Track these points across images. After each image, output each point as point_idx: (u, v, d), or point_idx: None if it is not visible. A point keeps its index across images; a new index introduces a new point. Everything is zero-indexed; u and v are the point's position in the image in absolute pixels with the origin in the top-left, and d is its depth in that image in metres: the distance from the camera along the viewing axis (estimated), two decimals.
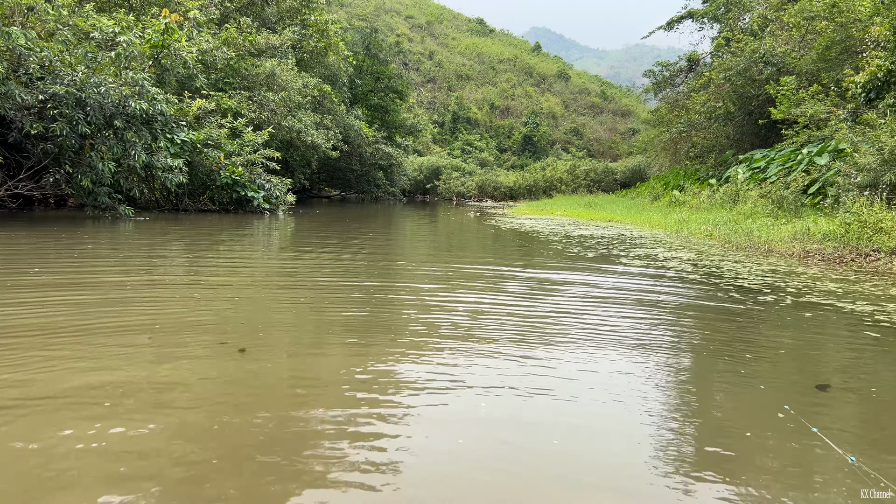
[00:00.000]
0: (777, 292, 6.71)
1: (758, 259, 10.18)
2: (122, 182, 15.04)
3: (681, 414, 3.23)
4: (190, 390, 3.34)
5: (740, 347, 4.50)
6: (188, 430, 2.80)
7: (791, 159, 22.30)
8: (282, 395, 3.39)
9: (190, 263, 8.27)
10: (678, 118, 36.80)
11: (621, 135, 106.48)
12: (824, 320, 5.48)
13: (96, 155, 14.03)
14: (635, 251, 11.14)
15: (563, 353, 4.20)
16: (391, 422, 2.96)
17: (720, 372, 3.93)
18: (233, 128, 20.93)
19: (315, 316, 5.29)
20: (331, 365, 3.91)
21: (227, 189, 19.07)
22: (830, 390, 3.61)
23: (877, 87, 19.50)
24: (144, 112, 14.68)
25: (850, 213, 11.04)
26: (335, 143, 31.64)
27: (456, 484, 2.42)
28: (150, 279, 6.84)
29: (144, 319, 4.87)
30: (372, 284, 6.87)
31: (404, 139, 51.72)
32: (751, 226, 13.57)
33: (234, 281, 6.77)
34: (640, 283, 7.35)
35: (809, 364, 4.26)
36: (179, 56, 17.65)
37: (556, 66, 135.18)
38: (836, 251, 10.28)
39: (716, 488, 2.41)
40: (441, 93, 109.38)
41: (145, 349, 4.05)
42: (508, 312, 5.44)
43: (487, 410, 3.15)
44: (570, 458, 2.69)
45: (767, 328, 5.20)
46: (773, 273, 8.35)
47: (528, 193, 51.02)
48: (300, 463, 2.51)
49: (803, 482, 2.51)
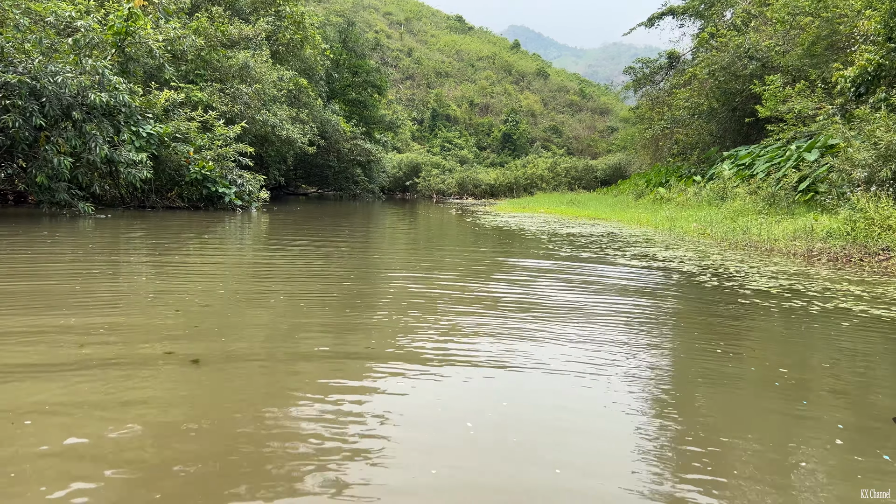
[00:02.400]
0: (800, 297, 6.05)
1: (761, 259, 9.58)
2: (80, 178, 14.03)
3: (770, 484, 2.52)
4: (115, 415, 2.55)
5: (810, 378, 3.80)
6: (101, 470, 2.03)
7: (779, 156, 21.86)
8: (236, 417, 2.62)
9: (145, 264, 7.42)
10: (660, 115, 36.43)
11: (600, 133, 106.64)
12: (862, 330, 4.83)
13: (52, 148, 13.03)
14: (630, 250, 10.48)
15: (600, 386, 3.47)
16: (367, 458, 2.21)
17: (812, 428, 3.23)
18: (203, 121, 19.96)
19: (283, 321, 4.50)
20: (298, 380, 3.14)
21: (197, 185, 18.10)
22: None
23: (866, 82, 19.11)
24: (105, 103, 13.70)
25: (856, 211, 10.48)
26: (311, 139, 30.67)
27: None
28: (97, 281, 5.98)
29: (77, 322, 4.05)
30: (345, 293, 6.09)
31: (383, 135, 50.86)
32: (747, 223, 13.00)
33: (192, 285, 5.95)
34: (649, 292, 6.66)
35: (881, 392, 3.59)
36: (145, 44, 16.64)
37: (535, 63, 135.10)
38: (842, 250, 9.71)
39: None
40: (420, 90, 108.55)
41: (72, 358, 3.25)
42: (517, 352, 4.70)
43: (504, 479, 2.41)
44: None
45: (821, 345, 4.53)
46: (784, 275, 7.73)
47: (509, 191, 50.42)
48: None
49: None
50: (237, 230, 13.27)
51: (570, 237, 13.14)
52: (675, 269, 7.99)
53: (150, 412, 2.80)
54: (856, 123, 17.04)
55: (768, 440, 2.72)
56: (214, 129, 19.86)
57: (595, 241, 12.11)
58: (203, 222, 14.54)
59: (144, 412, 2.79)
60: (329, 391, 3.13)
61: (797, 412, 3.05)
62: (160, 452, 2.40)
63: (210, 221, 14.83)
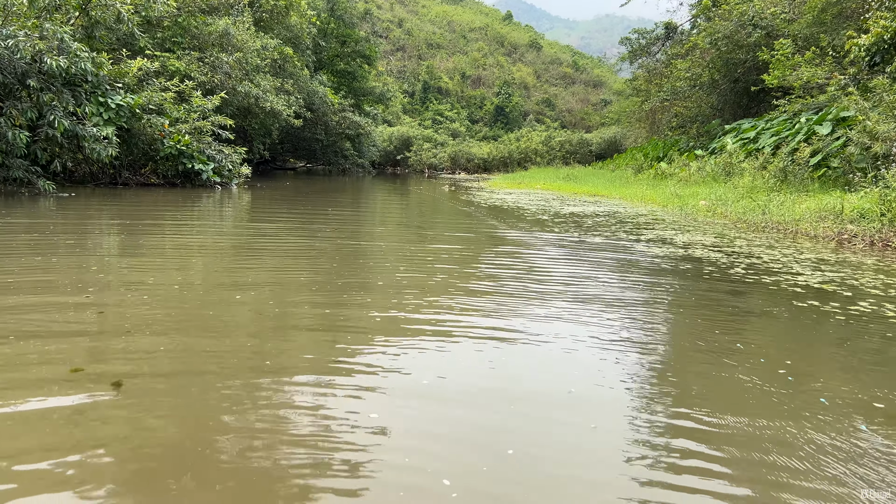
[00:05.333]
0: (863, 297, 5.10)
1: (787, 243, 8.63)
2: (39, 153, 12.85)
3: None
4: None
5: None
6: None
7: (786, 129, 20.84)
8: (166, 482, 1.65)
9: (97, 251, 6.35)
10: (658, 87, 35.31)
11: (594, 106, 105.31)
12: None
13: (6, 121, 11.84)
14: (644, 234, 9.50)
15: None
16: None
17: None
18: (179, 91, 18.70)
19: (248, 328, 3.48)
20: (259, 416, 2.16)
21: (173, 160, 16.91)
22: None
23: (882, 51, 18.03)
24: (65, 70, 12.48)
25: (892, 189, 9.52)
26: (297, 111, 29.35)
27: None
28: (26, 273, 4.91)
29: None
30: (326, 293, 5.09)
31: (373, 107, 49.39)
32: (767, 203, 12.04)
33: (140, 276, 4.88)
34: (687, 297, 5.69)
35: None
36: (112, 7, 15.33)
37: (528, 35, 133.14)
38: (877, 233, 8.78)
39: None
40: (411, 62, 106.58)
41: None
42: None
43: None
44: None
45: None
46: (827, 265, 6.77)
47: (503, 165, 49.24)
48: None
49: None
50: (212, 210, 12.18)
51: (575, 217, 12.14)
52: (703, 260, 7.01)
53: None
54: (872, 94, 16.06)
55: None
56: (191, 101, 18.61)
57: (602, 223, 11.12)
58: (177, 201, 13.44)
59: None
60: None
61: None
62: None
63: (184, 200, 13.72)
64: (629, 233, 9.58)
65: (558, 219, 11.72)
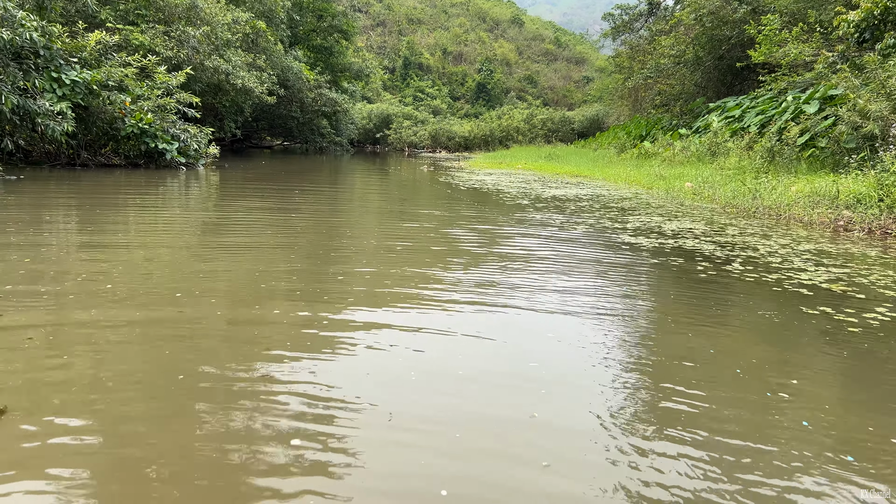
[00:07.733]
0: (877, 299, 4.56)
1: (782, 231, 8.12)
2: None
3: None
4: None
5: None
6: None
7: (772, 108, 20.35)
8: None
9: (29, 244, 5.63)
10: (641, 64, 34.66)
11: (576, 83, 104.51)
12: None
13: None
14: (630, 220, 8.93)
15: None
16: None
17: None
18: (142, 67, 17.74)
19: (185, 350, 2.84)
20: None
21: (135, 140, 16.03)
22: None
23: (871, 27, 17.50)
24: (8, 42, 11.57)
25: (890, 173, 9.02)
26: (271, 87, 28.34)
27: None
28: None
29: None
30: (295, 302, 4.46)
31: (351, 84, 48.32)
32: (756, 186, 11.52)
33: (66, 268, 4.21)
34: (681, 309, 5.12)
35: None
36: None
37: (510, 11, 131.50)
38: (875, 220, 8.29)
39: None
40: (391, 37, 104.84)
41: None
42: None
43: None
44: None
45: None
46: (828, 257, 6.25)
47: (485, 144, 48.48)
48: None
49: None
50: (173, 193, 11.40)
51: (557, 201, 11.54)
52: (695, 252, 6.46)
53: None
54: (863, 72, 15.58)
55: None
56: (155, 77, 17.67)
57: (586, 207, 10.54)
58: (136, 183, 12.64)
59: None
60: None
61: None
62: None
63: (145, 182, 12.91)
64: (614, 220, 9.01)
65: (539, 203, 11.11)
